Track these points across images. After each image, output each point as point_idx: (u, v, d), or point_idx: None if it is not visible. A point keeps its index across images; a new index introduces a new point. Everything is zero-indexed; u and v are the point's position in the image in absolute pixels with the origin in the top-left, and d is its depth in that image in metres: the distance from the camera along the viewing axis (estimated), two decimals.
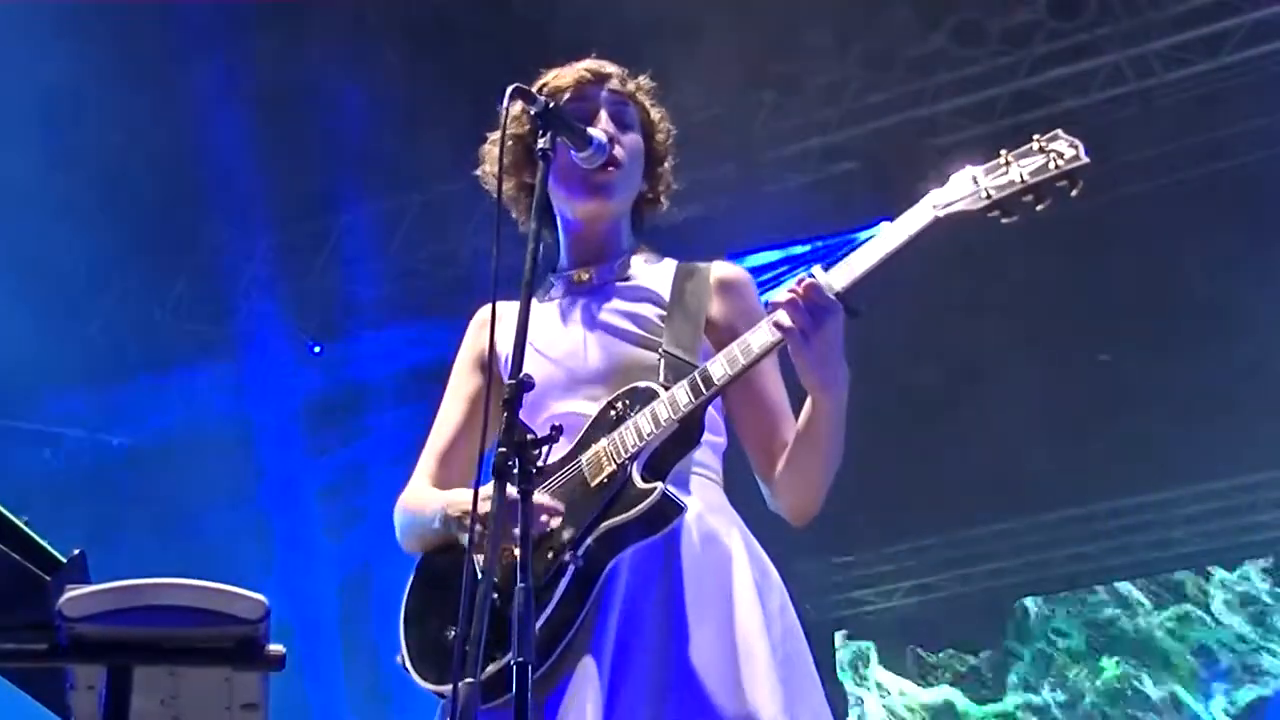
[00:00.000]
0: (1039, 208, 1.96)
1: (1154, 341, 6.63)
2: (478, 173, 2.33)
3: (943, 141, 6.40)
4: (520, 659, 1.64)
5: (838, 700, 7.97)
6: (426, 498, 2.19)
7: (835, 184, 6.71)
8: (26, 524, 1.67)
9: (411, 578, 2.17)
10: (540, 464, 1.85)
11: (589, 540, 1.96)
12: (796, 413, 2.13)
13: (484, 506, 1.85)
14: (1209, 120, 6.49)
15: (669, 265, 2.30)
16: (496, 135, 2.15)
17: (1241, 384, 6.56)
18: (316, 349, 7.64)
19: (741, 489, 2.22)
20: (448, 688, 1.97)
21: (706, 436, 2.13)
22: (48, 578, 1.62)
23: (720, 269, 2.28)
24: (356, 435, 7.35)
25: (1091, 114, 6.22)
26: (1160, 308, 6.61)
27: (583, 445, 2.06)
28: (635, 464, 2.00)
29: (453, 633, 2.00)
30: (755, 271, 2.43)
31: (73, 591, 1.56)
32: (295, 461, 7.46)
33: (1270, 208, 6.39)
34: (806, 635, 2.11)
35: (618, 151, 2.22)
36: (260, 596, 1.58)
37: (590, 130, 2.17)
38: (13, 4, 5.91)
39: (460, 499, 2.07)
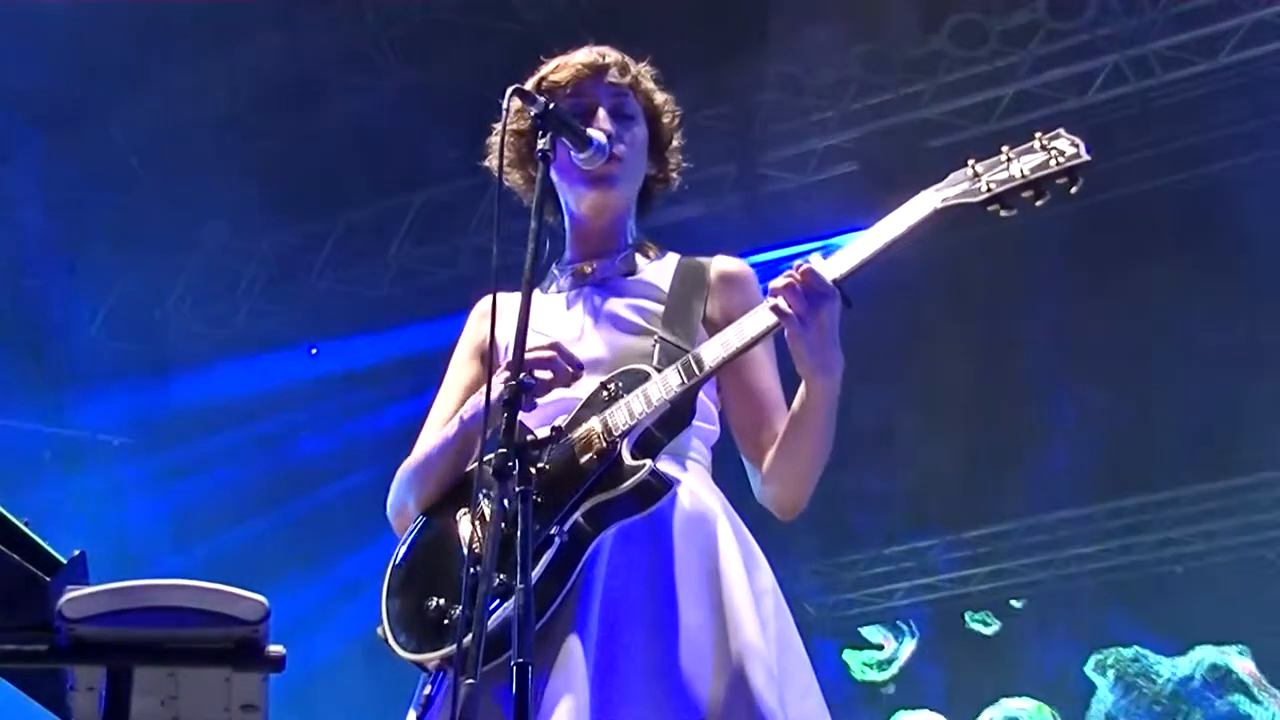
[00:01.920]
0: (1038, 203, 1.98)
1: (1145, 342, 6.63)
2: (485, 163, 2.34)
3: (942, 142, 6.40)
4: (520, 659, 1.65)
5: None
6: (433, 440, 2.20)
7: (835, 185, 6.72)
8: (26, 525, 1.67)
9: (395, 552, 2.17)
10: (540, 465, 1.86)
11: (576, 515, 1.98)
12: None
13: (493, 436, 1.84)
14: (1208, 121, 6.50)
15: (671, 260, 2.31)
16: (499, 127, 2.16)
17: (1239, 382, 6.56)
18: (314, 350, 7.64)
19: (735, 487, 2.22)
20: (426, 655, 2.01)
21: (700, 424, 2.14)
22: (48, 579, 1.62)
23: (722, 263, 2.30)
24: (353, 433, 7.35)
25: (1091, 114, 6.23)
26: (1151, 309, 6.61)
27: (574, 424, 2.06)
28: (625, 442, 2.01)
29: (433, 602, 2.02)
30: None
31: (73, 592, 1.56)
32: (296, 460, 7.46)
33: (1269, 208, 6.39)
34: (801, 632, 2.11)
35: (619, 150, 2.23)
36: (260, 597, 1.57)
37: (590, 131, 2.17)
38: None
39: (479, 398, 2.06)
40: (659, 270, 2.29)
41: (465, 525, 2.05)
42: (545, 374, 2.01)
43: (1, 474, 6.81)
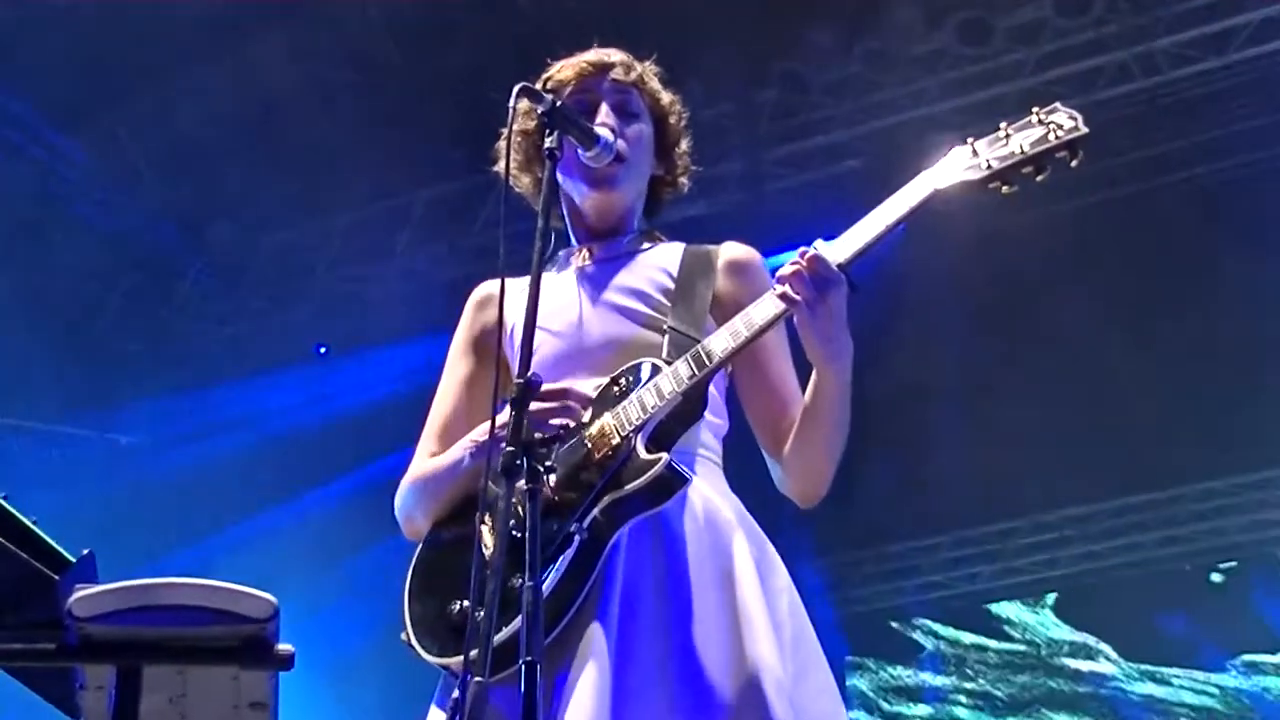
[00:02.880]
0: (1039, 178, 1.98)
1: (1149, 341, 6.62)
2: (496, 169, 2.34)
3: (947, 139, 6.38)
4: (529, 658, 1.65)
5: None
6: (438, 459, 2.20)
7: (840, 182, 6.71)
8: (35, 524, 1.67)
9: (414, 557, 2.18)
10: (548, 463, 1.86)
11: (594, 512, 1.97)
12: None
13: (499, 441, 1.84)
14: (1215, 118, 6.48)
15: (677, 247, 2.32)
16: (506, 128, 2.17)
17: (1244, 380, 6.55)
18: (322, 349, 7.65)
19: (745, 481, 2.22)
20: (450, 660, 2.01)
21: (708, 418, 2.14)
22: (56, 577, 1.62)
23: (730, 249, 2.30)
24: (359, 432, 7.35)
25: (1097, 112, 6.21)
26: (1158, 308, 6.60)
27: (587, 420, 2.06)
28: (639, 436, 2.00)
29: (456, 606, 2.02)
30: None
31: (82, 591, 1.56)
32: (295, 459, 7.46)
33: (1274, 206, 6.38)
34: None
35: (620, 145, 2.23)
36: (269, 595, 1.58)
37: (596, 129, 2.18)
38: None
39: (484, 430, 2.07)
40: (665, 254, 2.29)
41: (481, 527, 2.05)
42: (558, 420, 2.01)
43: (10, 473, 6.83)
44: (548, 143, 2.03)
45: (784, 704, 1.90)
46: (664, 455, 1.97)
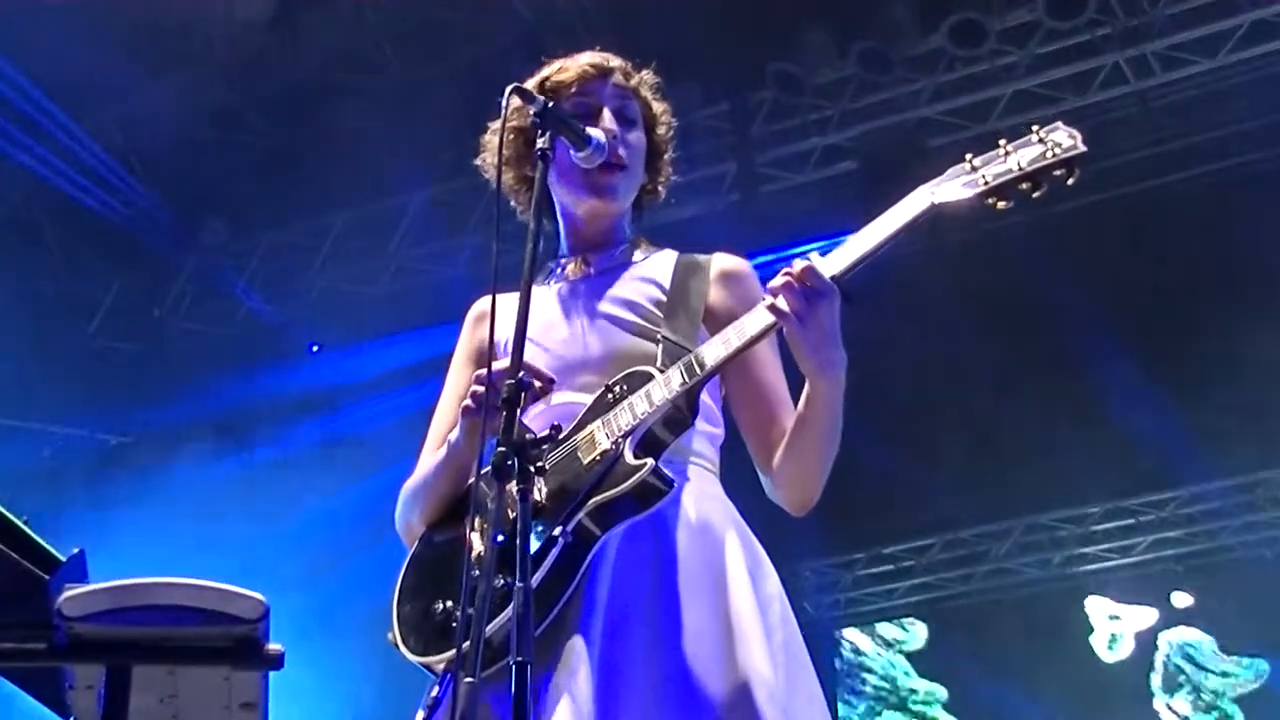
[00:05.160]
0: (1035, 195, 1.98)
1: (1146, 339, 6.63)
2: (478, 161, 2.33)
3: (941, 141, 6.41)
4: (520, 659, 1.65)
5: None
6: (429, 461, 2.22)
7: (834, 184, 6.71)
8: (26, 523, 1.67)
9: (407, 558, 2.19)
10: (540, 464, 1.86)
11: (579, 515, 1.97)
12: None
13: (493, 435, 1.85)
14: (1208, 120, 6.50)
15: (669, 255, 2.31)
16: (496, 125, 2.16)
17: (1239, 382, 6.56)
18: (315, 348, 7.64)
19: (741, 486, 2.22)
20: (433, 658, 2.02)
21: (704, 427, 2.14)
22: (47, 577, 1.62)
23: (722, 260, 2.29)
24: (356, 433, 7.34)
25: (1091, 114, 6.23)
26: (1152, 308, 6.61)
27: (579, 427, 2.07)
28: (628, 442, 2.01)
29: (440, 606, 2.03)
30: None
31: (72, 591, 1.56)
32: (294, 459, 7.46)
33: (1269, 208, 6.39)
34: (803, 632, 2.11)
35: (622, 152, 2.23)
36: (259, 596, 1.58)
37: (589, 130, 2.17)
38: None
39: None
40: (657, 264, 2.28)
41: (472, 534, 2.06)
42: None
43: (0, 473, 6.81)
44: (540, 144, 2.02)
45: (776, 713, 1.90)
46: (649, 461, 1.98)
